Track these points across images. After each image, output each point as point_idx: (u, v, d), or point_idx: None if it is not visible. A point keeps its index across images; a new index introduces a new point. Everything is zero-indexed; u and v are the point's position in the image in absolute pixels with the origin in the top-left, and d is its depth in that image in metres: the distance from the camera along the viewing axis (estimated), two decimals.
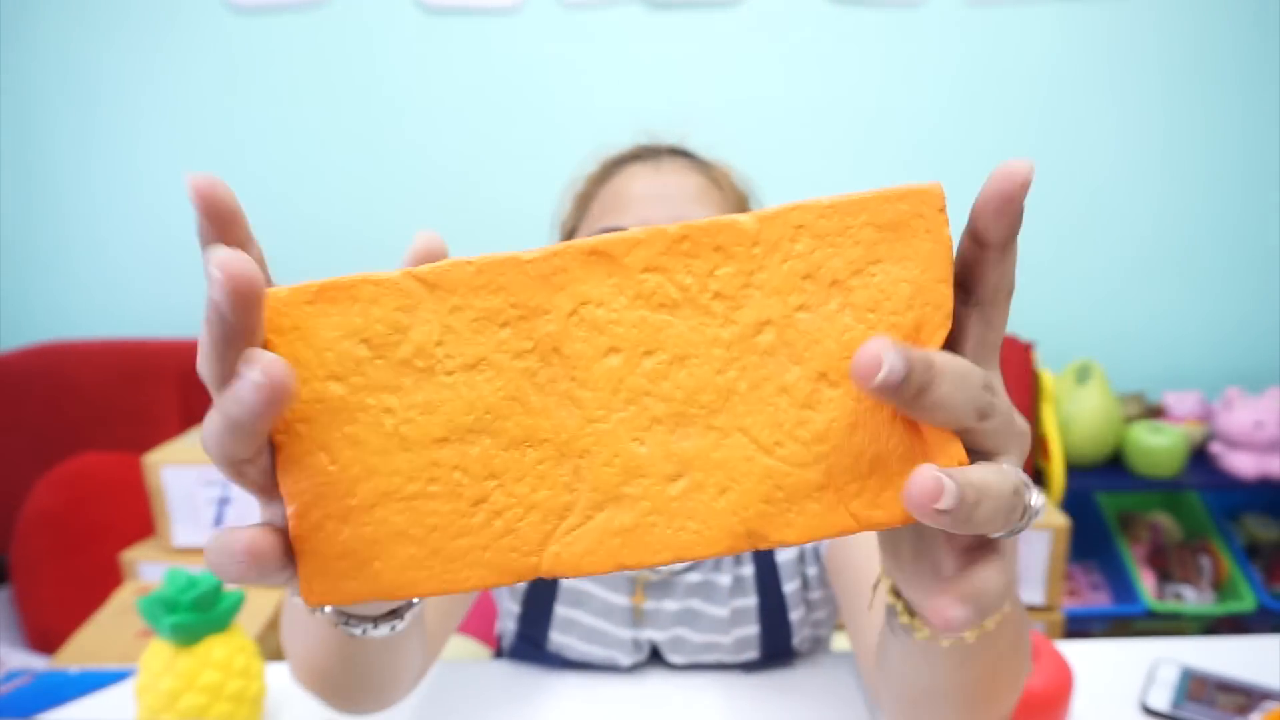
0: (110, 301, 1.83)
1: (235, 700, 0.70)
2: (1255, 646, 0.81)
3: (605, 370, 0.29)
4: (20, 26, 1.70)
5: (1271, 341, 1.82)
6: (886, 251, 0.29)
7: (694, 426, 0.29)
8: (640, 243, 0.29)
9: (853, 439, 0.29)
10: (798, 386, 0.29)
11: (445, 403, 0.29)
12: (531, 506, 0.29)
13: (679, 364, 0.29)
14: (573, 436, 0.29)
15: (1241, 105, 1.73)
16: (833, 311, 0.29)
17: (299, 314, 0.29)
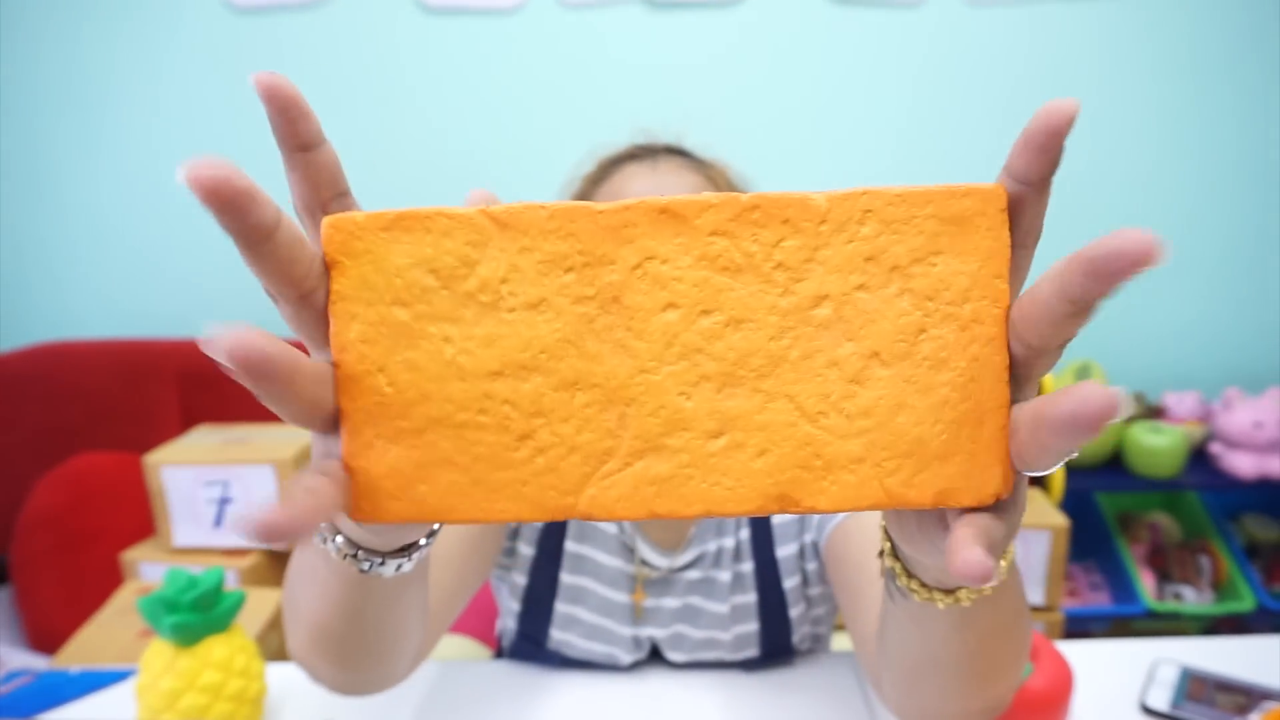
0: (110, 301, 1.83)
1: (235, 700, 0.70)
2: (1254, 646, 0.81)
3: (662, 324, 0.30)
4: (21, 27, 1.70)
5: (1271, 341, 1.82)
6: (948, 244, 0.30)
7: (741, 388, 0.30)
8: (712, 207, 0.30)
9: (897, 419, 0.29)
10: (849, 362, 0.30)
11: (503, 338, 0.30)
12: (574, 448, 0.30)
13: (734, 326, 0.30)
14: (622, 384, 0.30)
15: (1241, 105, 1.73)
16: (891, 295, 0.30)
17: (372, 239, 0.30)
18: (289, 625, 0.54)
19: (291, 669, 0.80)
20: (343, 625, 0.48)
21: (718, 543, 0.78)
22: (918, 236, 0.30)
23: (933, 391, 0.29)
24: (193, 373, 1.70)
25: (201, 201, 0.26)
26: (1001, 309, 0.29)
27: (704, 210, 0.30)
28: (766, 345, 0.30)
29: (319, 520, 0.27)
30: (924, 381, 0.29)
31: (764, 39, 1.72)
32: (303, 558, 0.49)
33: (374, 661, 0.54)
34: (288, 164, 0.31)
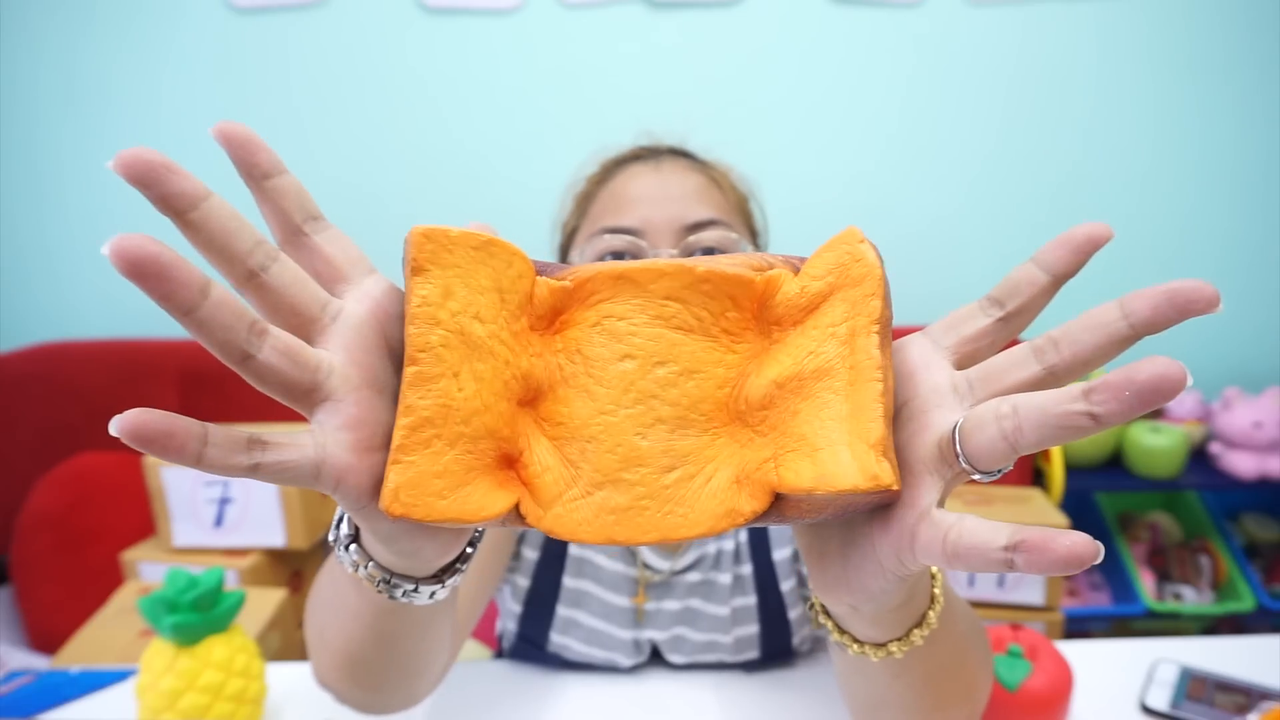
0: (110, 301, 1.83)
1: (236, 700, 0.70)
2: (1254, 646, 0.81)
3: (619, 372, 0.34)
4: (21, 27, 1.70)
5: (1271, 341, 1.82)
6: (840, 293, 0.34)
7: (692, 429, 0.34)
8: (665, 274, 0.34)
9: (790, 424, 0.33)
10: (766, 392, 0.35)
11: (529, 372, 0.34)
12: (547, 468, 0.34)
13: (687, 376, 0.34)
14: (583, 423, 0.34)
15: (1240, 105, 1.73)
16: (796, 336, 0.35)
17: (463, 254, 0.33)
18: (315, 652, 0.54)
19: (291, 669, 0.80)
20: (375, 652, 0.48)
21: (717, 545, 0.78)
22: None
23: (815, 397, 0.33)
24: (193, 373, 1.70)
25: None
26: (871, 319, 0.33)
27: (658, 277, 0.34)
28: (715, 393, 0.34)
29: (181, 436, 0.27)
30: (808, 390, 0.33)
31: (764, 39, 1.72)
32: (330, 586, 0.48)
33: (405, 683, 0.54)
34: (258, 198, 0.33)
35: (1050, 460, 1.62)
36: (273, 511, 1.37)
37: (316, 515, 1.39)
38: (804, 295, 0.34)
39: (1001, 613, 1.43)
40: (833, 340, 0.33)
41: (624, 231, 0.68)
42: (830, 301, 0.34)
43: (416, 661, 0.51)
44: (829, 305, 0.34)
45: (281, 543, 1.37)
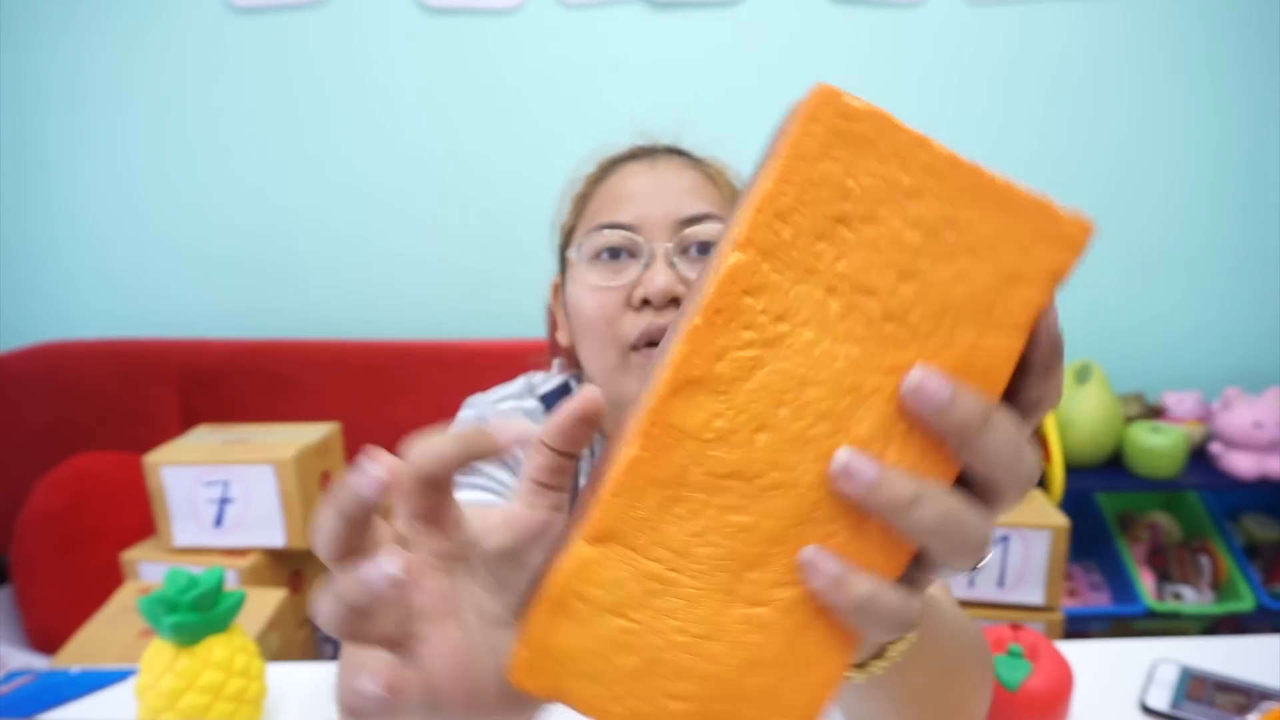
0: (110, 301, 1.83)
1: (235, 700, 0.70)
2: (1254, 646, 0.81)
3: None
4: (20, 26, 1.70)
5: (1271, 341, 1.82)
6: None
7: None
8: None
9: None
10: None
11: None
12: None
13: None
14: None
15: (1241, 105, 1.73)
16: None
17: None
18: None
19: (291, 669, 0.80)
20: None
21: None
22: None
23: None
24: (193, 373, 1.70)
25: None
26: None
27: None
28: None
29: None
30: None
31: (764, 39, 1.72)
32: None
33: None
34: (541, 452, 0.33)
35: (1050, 460, 1.62)
36: (273, 511, 1.37)
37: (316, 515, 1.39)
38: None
39: (1001, 613, 1.43)
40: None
41: (620, 227, 0.69)
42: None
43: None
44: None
45: (281, 543, 1.37)
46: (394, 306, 1.82)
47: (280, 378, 1.70)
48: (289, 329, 1.82)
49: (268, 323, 1.82)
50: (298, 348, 1.72)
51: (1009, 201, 0.28)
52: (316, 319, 1.82)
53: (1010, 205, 0.28)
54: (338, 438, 1.46)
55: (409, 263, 1.80)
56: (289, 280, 1.81)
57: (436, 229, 1.79)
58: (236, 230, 1.79)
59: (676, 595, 0.29)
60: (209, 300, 1.82)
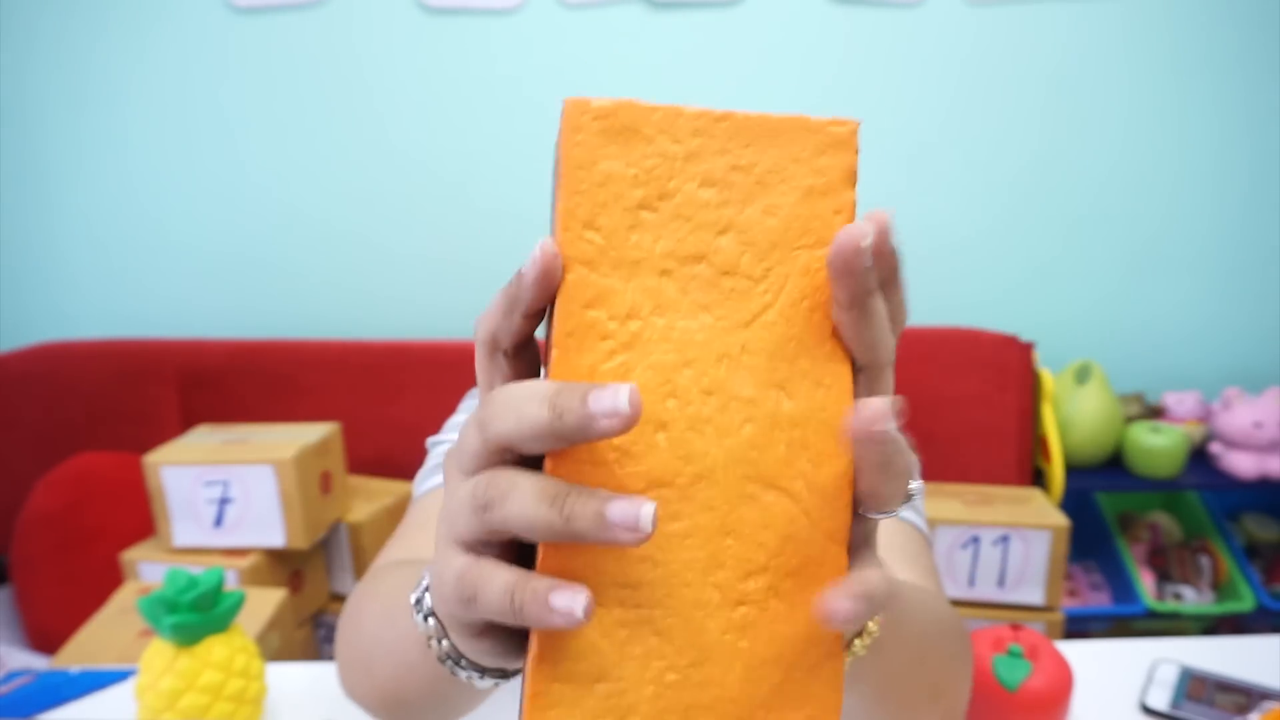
0: (110, 301, 1.83)
1: (235, 700, 0.70)
2: (1254, 646, 0.81)
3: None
4: (20, 26, 1.70)
5: (1271, 341, 1.82)
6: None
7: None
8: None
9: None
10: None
11: None
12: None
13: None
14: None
15: (1242, 105, 1.73)
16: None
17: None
18: (357, 678, 0.52)
19: (291, 669, 0.80)
20: (426, 703, 0.46)
21: None
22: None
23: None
24: (193, 373, 1.70)
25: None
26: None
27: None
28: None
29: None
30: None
31: (764, 39, 1.72)
32: (388, 629, 0.47)
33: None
34: (505, 314, 0.30)
35: (1050, 460, 1.62)
36: (273, 511, 1.37)
37: (316, 515, 1.39)
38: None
39: (1001, 613, 1.43)
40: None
41: None
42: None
43: (466, 710, 0.50)
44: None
45: (281, 543, 1.37)
46: (394, 306, 1.82)
47: (280, 378, 1.70)
48: (289, 329, 1.82)
49: (268, 323, 1.82)
50: (297, 348, 1.72)
51: (774, 129, 0.29)
52: (316, 319, 1.82)
53: (777, 132, 0.29)
54: (338, 438, 1.46)
55: (409, 263, 1.80)
56: (289, 280, 1.81)
57: (437, 229, 1.79)
58: (236, 230, 1.79)
59: (650, 634, 0.28)
60: (209, 300, 1.82)
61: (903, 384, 0.63)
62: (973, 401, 1.64)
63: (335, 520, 1.46)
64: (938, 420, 1.63)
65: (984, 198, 1.77)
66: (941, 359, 1.66)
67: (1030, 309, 1.81)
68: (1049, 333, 1.79)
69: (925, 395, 1.63)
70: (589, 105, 0.28)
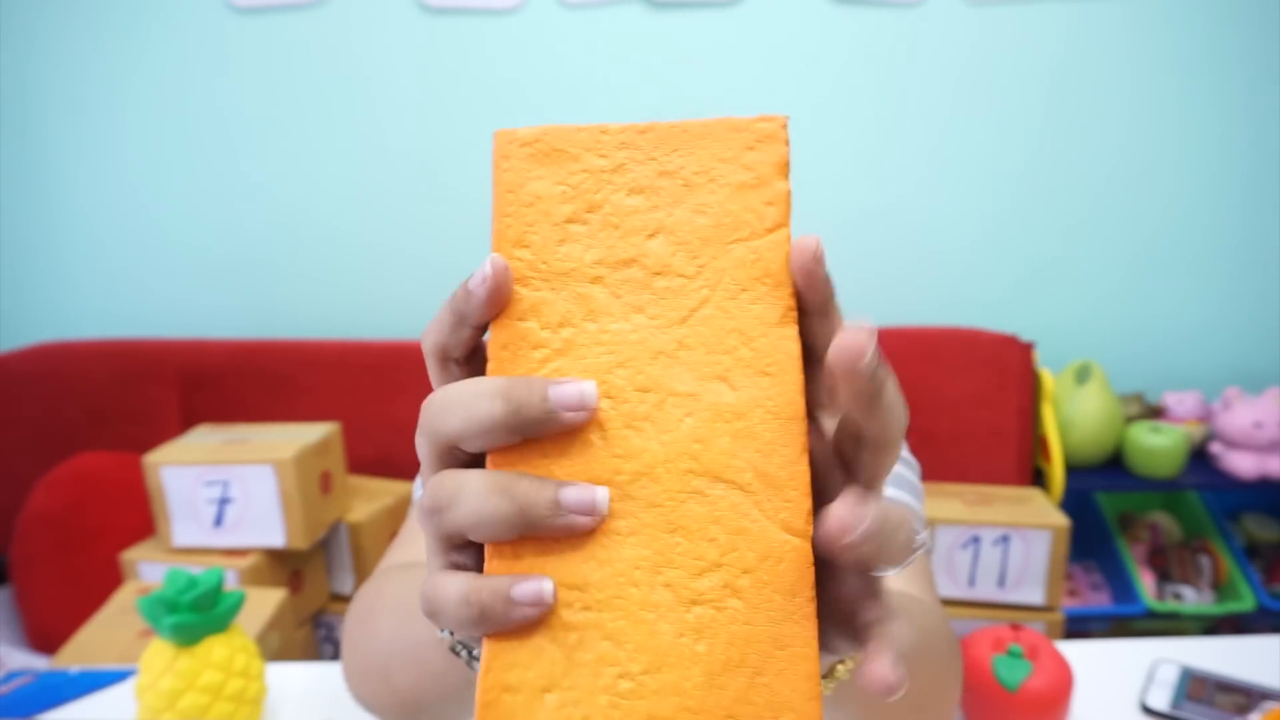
0: (110, 301, 1.83)
1: (235, 700, 0.70)
2: (1255, 646, 0.81)
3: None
4: (19, 26, 1.70)
5: (1271, 342, 1.82)
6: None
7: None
8: None
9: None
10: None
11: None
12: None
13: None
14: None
15: (1242, 105, 1.73)
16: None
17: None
18: (372, 687, 0.52)
19: (291, 669, 0.80)
20: (449, 707, 0.47)
21: None
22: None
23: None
24: (193, 373, 1.70)
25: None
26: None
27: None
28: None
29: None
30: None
31: (764, 38, 1.72)
32: (406, 638, 0.46)
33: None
34: (453, 327, 0.30)
35: (1050, 460, 1.62)
36: (273, 511, 1.37)
37: (316, 515, 1.39)
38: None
39: (1001, 613, 1.43)
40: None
41: None
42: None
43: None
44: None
45: (281, 543, 1.37)
46: (394, 306, 1.82)
47: (280, 378, 1.70)
48: (289, 329, 1.82)
49: (268, 323, 1.82)
50: (298, 348, 1.72)
51: (701, 132, 0.29)
52: (316, 319, 1.82)
53: (703, 135, 0.29)
54: (338, 438, 1.46)
55: (409, 263, 1.80)
56: (289, 280, 1.81)
57: (436, 229, 1.79)
58: (236, 230, 1.79)
59: (600, 638, 0.27)
60: (208, 300, 1.82)
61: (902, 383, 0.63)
62: (973, 401, 1.64)
63: (335, 520, 1.46)
64: (938, 420, 1.63)
65: (984, 198, 1.77)
66: (941, 359, 1.66)
67: (1030, 309, 1.81)
68: (1049, 333, 1.79)
69: (925, 395, 1.63)
70: (516, 134, 0.29)
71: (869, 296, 1.81)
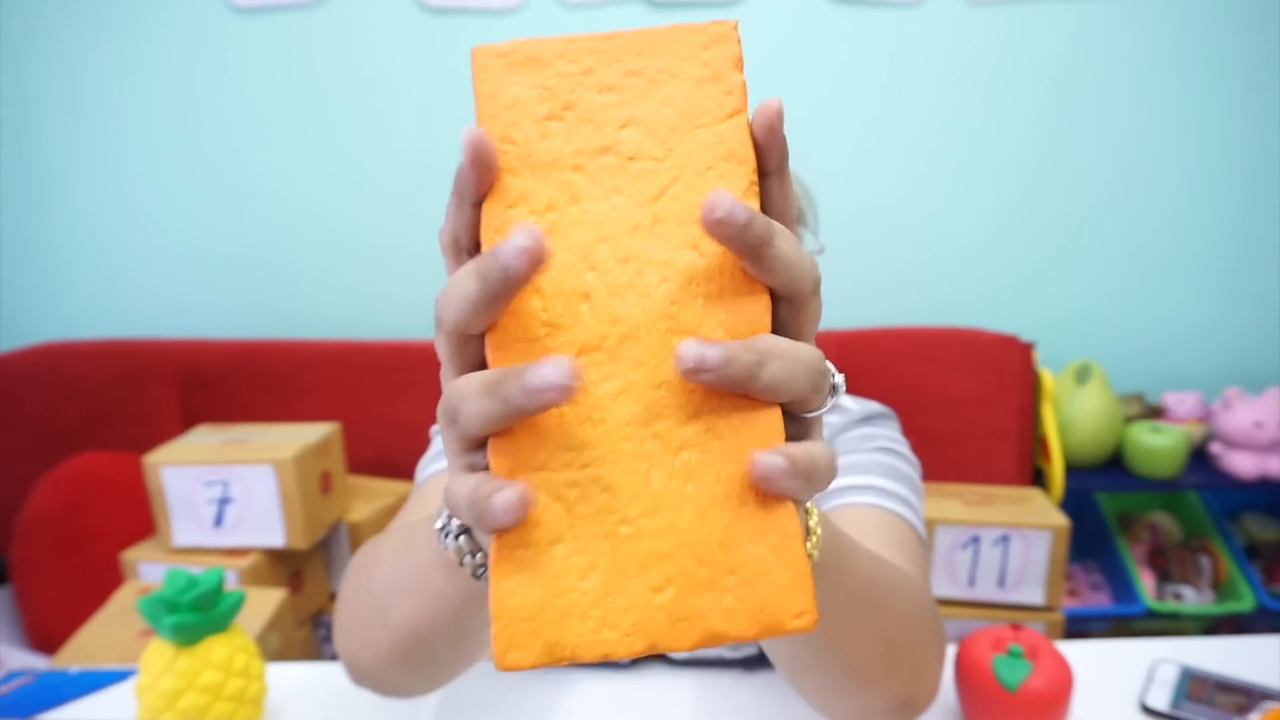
0: (110, 301, 1.83)
1: (236, 700, 0.70)
2: (1254, 646, 0.81)
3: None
4: (19, 27, 1.70)
5: (1271, 342, 1.82)
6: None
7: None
8: None
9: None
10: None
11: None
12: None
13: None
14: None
15: (1242, 105, 1.73)
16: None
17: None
18: (366, 632, 0.53)
19: (291, 668, 0.80)
20: (446, 636, 0.47)
21: None
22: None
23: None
24: (193, 373, 1.70)
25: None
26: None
27: None
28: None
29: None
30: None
31: (764, 39, 1.72)
32: (404, 566, 0.47)
33: (455, 666, 0.53)
34: (458, 209, 0.33)
35: (1050, 460, 1.62)
36: (273, 511, 1.37)
37: (316, 515, 1.39)
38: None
39: (1001, 613, 1.43)
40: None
41: None
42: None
43: (476, 647, 0.50)
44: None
45: (281, 543, 1.37)
46: (394, 306, 1.82)
47: (280, 378, 1.70)
48: (289, 329, 1.82)
49: (268, 323, 1.82)
50: (297, 348, 1.72)
51: (660, 37, 0.33)
52: (316, 319, 1.82)
53: (663, 38, 0.33)
54: (338, 438, 1.46)
55: (409, 262, 1.80)
56: (289, 280, 1.81)
57: (437, 229, 1.79)
58: (236, 230, 1.79)
59: (599, 491, 0.30)
60: (208, 300, 1.83)
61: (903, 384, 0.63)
62: (973, 401, 1.64)
63: (335, 520, 1.46)
64: (938, 420, 1.63)
65: (984, 198, 1.78)
66: (941, 359, 1.66)
67: (1030, 309, 1.81)
68: (1049, 333, 1.79)
69: (925, 395, 1.63)
70: (490, 48, 0.32)
71: (869, 296, 1.81)
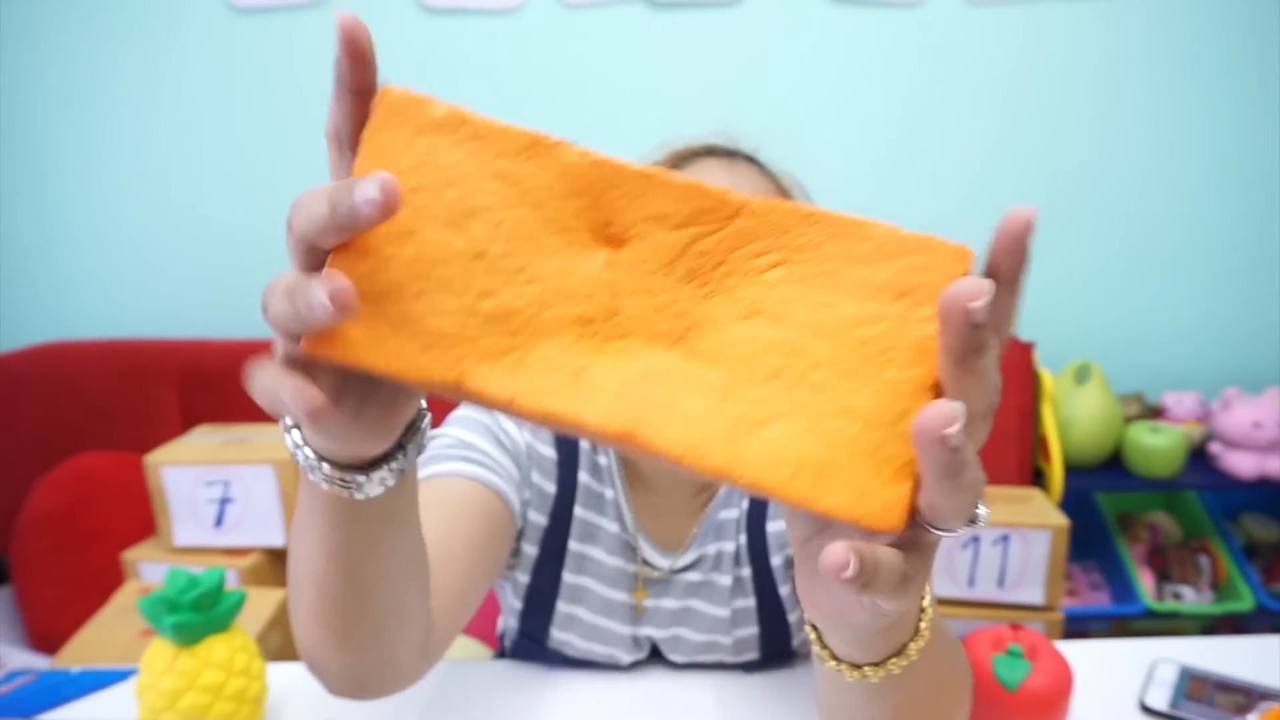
0: (110, 301, 1.83)
1: (236, 700, 0.70)
2: (1254, 646, 0.81)
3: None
4: (20, 27, 1.70)
5: (1271, 342, 1.82)
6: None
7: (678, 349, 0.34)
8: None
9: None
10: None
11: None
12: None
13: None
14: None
15: (1241, 106, 1.73)
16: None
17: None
18: (293, 608, 0.52)
19: (292, 668, 0.80)
20: (341, 583, 0.47)
21: (718, 546, 0.78)
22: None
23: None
24: (193, 373, 1.70)
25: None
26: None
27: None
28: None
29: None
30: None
31: (764, 39, 1.72)
32: (297, 526, 0.48)
33: (377, 637, 0.51)
34: (338, 100, 0.34)
35: (1050, 460, 1.62)
36: (273, 511, 1.37)
37: None
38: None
39: (1001, 613, 1.43)
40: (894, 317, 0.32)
41: None
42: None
43: (384, 602, 0.49)
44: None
45: (281, 542, 1.37)
46: None
47: None
48: None
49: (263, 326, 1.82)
50: None
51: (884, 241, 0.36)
52: None
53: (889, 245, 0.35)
54: None
55: None
56: None
57: None
58: (236, 230, 1.79)
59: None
60: (209, 300, 1.82)
61: None
62: None
63: None
64: None
65: (983, 198, 1.77)
66: None
67: (1030, 309, 1.80)
68: (1049, 333, 1.79)
69: None
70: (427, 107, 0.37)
71: None
